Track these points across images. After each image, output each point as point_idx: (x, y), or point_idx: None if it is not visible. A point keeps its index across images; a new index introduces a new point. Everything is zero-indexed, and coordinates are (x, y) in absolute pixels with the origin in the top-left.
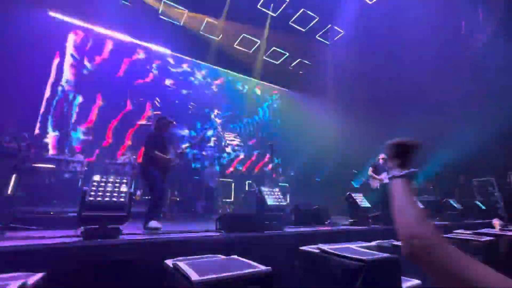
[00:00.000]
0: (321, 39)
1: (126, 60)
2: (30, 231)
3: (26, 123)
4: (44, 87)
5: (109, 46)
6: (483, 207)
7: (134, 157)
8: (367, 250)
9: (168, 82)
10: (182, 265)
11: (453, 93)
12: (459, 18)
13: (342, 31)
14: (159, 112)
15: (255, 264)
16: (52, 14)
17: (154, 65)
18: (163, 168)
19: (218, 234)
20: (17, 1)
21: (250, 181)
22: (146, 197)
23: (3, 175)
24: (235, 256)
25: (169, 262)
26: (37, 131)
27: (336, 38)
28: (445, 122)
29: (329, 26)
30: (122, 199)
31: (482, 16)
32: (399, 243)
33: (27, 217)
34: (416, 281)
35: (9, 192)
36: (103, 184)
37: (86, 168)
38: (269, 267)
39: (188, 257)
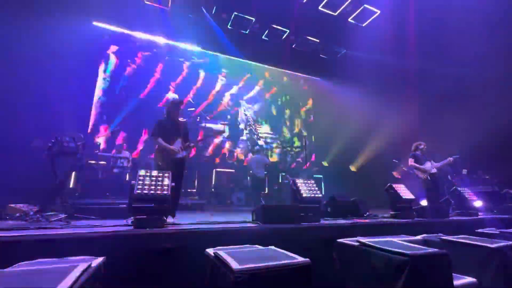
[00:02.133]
0: (354, 22)
1: (161, 61)
2: (89, 221)
3: (80, 124)
4: (93, 91)
5: (145, 48)
6: None
7: None
8: (412, 245)
9: (199, 79)
10: (223, 254)
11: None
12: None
13: (377, 11)
14: (193, 108)
15: (293, 255)
16: (95, 23)
17: (186, 63)
18: (172, 162)
19: (255, 225)
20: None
21: (284, 173)
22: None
23: (65, 172)
24: (273, 247)
25: (210, 251)
26: (89, 131)
27: (371, 19)
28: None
29: (362, 7)
30: (165, 192)
31: None
32: (449, 237)
33: (85, 208)
34: (470, 279)
35: (71, 186)
36: (147, 178)
37: (131, 164)
38: (307, 259)
39: (227, 247)
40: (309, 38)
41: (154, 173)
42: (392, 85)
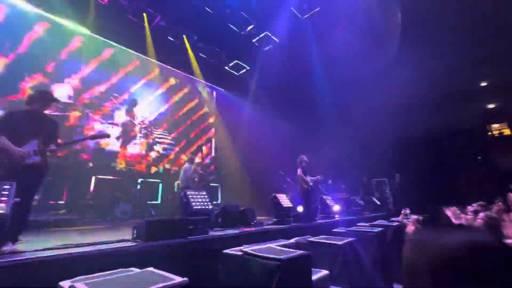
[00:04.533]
0: (257, 44)
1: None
2: None
3: None
4: None
5: None
6: (379, 203)
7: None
8: (285, 249)
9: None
10: (81, 286)
11: (358, 108)
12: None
13: (276, 40)
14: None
15: (170, 276)
16: None
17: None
18: (17, 169)
19: (134, 244)
20: None
21: (179, 182)
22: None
23: None
24: (151, 269)
25: (65, 284)
26: None
27: (270, 46)
28: (351, 130)
29: (264, 33)
30: (0, 211)
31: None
32: (314, 238)
33: None
34: (324, 272)
35: None
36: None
37: None
38: (186, 279)
39: (91, 276)
40: (216, 49)
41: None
42: (284, 106)
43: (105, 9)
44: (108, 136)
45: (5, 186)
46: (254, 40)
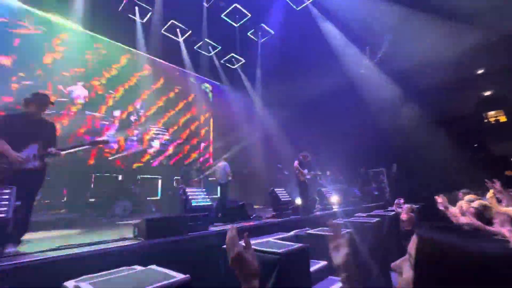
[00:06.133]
0: (252, 37)
1: None
2: None
3: None
4: None
5: None
6: (376, 193)
7: None
8: (284, 242)
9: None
10: (85, 286)
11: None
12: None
13: (272, 32)
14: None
15: (172, 273)
16: None
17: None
18: (17, 174)
19: (135, 242)
20: None
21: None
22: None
23: None
24: (153, 266)
25: (70, 284)
26: None
27: (265, 38)
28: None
29: (260, 25)
30: (2, 215)
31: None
32: (312, 230)
33: None
34: (323, 262)
35: None
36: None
37: None
38: (188, 275)
39: (95, 275)
40: (210, 42)
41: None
42: (283, 100)
43: (94, 3)
44: (107, 142)
45: (5, 191)
46: (249, 33)
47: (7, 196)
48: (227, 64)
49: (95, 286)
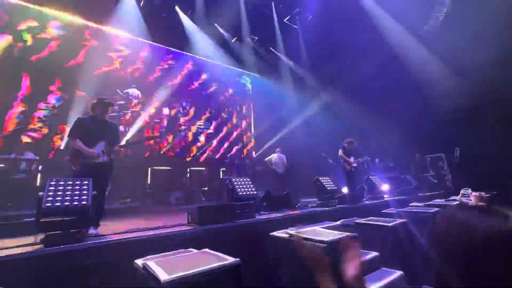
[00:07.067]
0: (289, 23)
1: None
2: None
3: None
4: None
5: None
6: (435, 181)
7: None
8: (330, 231)
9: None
10: (152, 264)
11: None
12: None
13: (309, 16)
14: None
15: (224, 256)
16: None
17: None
18: (91, 167)
19: (190, 228)
20: None
21: (224, 169)
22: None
23: None
24: (206, 250)
25: (139, 262)
26: None
27: (301, 24)
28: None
29: (296, 10)
30: (84, 202)
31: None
32: (361, 220)
33: None
34: (374, 253)
35: None
36: (61, 187)
37: (35, 167)
38: (238, 259)
39: (158, 255)
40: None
41: (70, 181)
42: (325, 88)
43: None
44: (159, 137)
45: (85, 182)
46: (285, 19)
47: (86, 187)
48: (269, 50)
49: (159, 265)
